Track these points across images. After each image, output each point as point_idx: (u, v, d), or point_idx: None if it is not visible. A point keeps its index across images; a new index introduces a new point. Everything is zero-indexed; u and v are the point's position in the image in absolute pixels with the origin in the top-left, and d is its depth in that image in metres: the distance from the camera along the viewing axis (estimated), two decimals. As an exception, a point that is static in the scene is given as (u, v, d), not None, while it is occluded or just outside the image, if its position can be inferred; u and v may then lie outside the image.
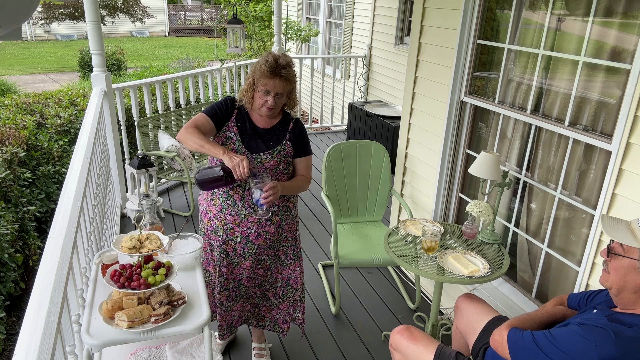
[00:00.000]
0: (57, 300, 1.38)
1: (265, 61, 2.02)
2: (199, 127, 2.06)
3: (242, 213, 2.18)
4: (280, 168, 2.16)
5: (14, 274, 3.37)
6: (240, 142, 2.12)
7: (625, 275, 1.48)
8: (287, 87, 2.07)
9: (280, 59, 2.04)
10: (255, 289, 2.41)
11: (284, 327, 2.51)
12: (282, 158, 2.16)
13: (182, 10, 26.59)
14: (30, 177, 4.11)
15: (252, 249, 2.25)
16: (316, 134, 6.81)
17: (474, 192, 3.02)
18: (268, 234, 2.24)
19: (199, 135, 2.02)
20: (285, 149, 2.17)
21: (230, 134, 2.13)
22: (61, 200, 1.97)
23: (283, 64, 2.03)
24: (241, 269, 2.31)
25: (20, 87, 10.67)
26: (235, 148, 2.10)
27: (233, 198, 2.17)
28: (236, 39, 4.74)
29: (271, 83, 2.03)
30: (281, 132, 2.19)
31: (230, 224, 2.21)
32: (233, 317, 2.43)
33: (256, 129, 2.16)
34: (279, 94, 2.06)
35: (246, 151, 2.11)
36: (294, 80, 2.11)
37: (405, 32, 6.29)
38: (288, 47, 9.64)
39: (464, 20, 2.69)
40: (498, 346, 1.61)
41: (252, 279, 2.36)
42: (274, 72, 2.01)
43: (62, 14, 18.31)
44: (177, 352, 1.92)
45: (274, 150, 2.14)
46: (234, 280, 2.33)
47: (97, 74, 3.68)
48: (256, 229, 2.22)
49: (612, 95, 2.17)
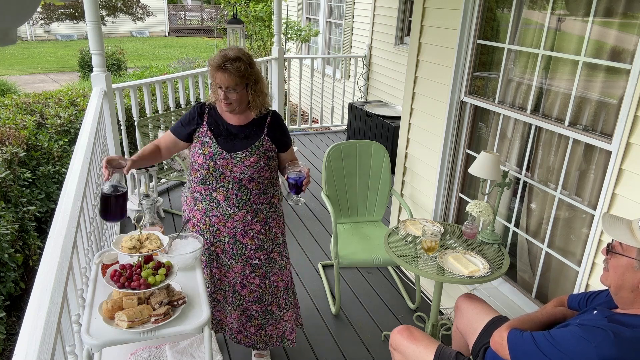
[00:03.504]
0: (57, 300, 1.38)
1: (216, 54, 2.01)
2: (160, 144, 2.20)
3: (227, 213, 2.17)
4: (261, 164, 2.13)
5: (14, 274, 3.37)
6: (217, 145, 2.09)
7: (623, 273, 1.48)
8: (234, 81, 1.99)
9: (229, 53, 2.00)
10: (255, 305, 2.35)
11: (292, 337, 2.45)
12: (261, 154, 2.13)
13: (182, 10, 26.59)
14: (30, 177, 4.11)
15: (241, 249, 2.24)
16: (316, 134, 6.81)
17: (474, 192, 3.02)
18: (254, 231, 2.23)
19: (140, 151, 2.16)
20: (264, 145, 2.14)
21: (205, 139, 2.11)
22: (61, 200, 1.97)
23: (231, 57, 1.99)
24: (233, 273, 2.28)
25: (20, 87, 10.67)
26: (212, 151, 2.09)
27: (217, 199, 2.15)
28: (236, 39, 4.74)
29: (218, 77, 2.00)
30: (258, 127, 2.15)
31: (215, 225, 2.19)
32: (233, 324, 2.39)
33: (229, 128, 2.13)
34: (229, 88, 2.01)
35: (224, 152, 2.08)
36: (247, 75, 2.03)
37: (405, 32, 6.29)
38: (288, 47, 9.64)
39: (464, 20, 2.69)
40: (498, 347, 1.61)
41: (247, 287, 2.31)
42: (219, 66, 1.98)
43: (62, 14, 18.30)
44: (177, 352, 1.92)
45: (252, 147, 2.11)
46: (229, 284, 2.30)
47: (97, 74, 3.68)
48: (242, 227, 2.20)
49: (612, 95, 2.17)
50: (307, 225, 4.18)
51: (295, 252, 3.71)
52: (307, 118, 8.95)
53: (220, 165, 2.08)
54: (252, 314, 2.37)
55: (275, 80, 6.08)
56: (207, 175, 2.11)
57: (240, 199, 2.15)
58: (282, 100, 6.20)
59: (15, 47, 18.64)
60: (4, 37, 0.73)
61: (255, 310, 2.36)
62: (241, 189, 2.13)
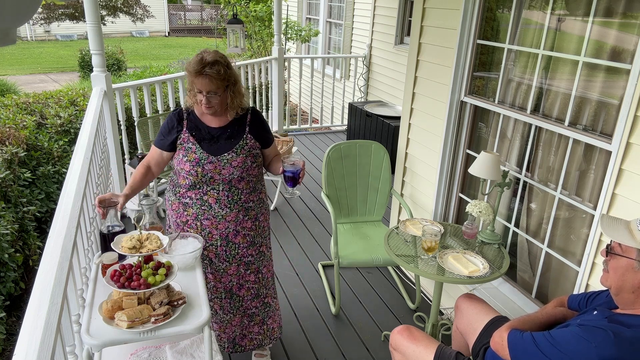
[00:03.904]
0: (57, 300, 1.38)
1: (192, 60, 1.99)
2: (150, 163, 2.17)
3: (220, 214, 2.16)
4: (248, 163, 2.13)
5: (14, 274, 3.37)
6: (201, 150, 2.07)
7: (623, 274, 1.48)
8: (215, 84, 1.98)
9: (206, 57, 1.97)
10: (254, 302, 2.36)
11: (282, 325, 2.56)
12: (247, 153, 2.12)
13: (182, 10, 26.59)
14: (30, 177, 4.11)
15: (234, 250, 2.24)
16: (316, 134, 6.81)
17: (474, 192, 3.02)
18: (246, 229, 2.23)
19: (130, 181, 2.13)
20: (249, 143, 2.13)
21: (188, 145, 2.09)
22: (61, 200, 1.97)
23: (209, 62, 1.96)
24: (228, 276, 2.27)
25: (20, 87, 10.67)
26: (197, 157, 2.07)
27: (208, 203, 2.14)
28: (236, 39, 4.74)
29: (198, 82, 1.98)
30: (239, 126, 2.14)
31: (207, 228, 2.18)
32: (235, 333, 2.39)
33: (211, 131, 2.11)
34: (211, 92, 2.00)
35: (210, 156, 2.06)
36: (227, 78, 2.02)
37: (405, 32, 6.29)
38: (288, 47, 9.64)
39: (464, 20, 2.69)
40: (498, 347, 1.61)
41: (244, 287, 2.32)
42: (198, 72, 1.96)
43: (62, 14, 18.29)
44: (177, 352, 1.92)
45: (237, 147, 2.10)
46: (225, 290, 2.29)
47: (97, 74, 3.68)
48: (234, 227, 2.20)
49: (612, 95, 2.17)
50: (307, 225, 4.18)
51: (295, 252, 3.71)
52: (307, 118, 8.95)
53: (208, 169, 2.07)
54: (253, 312, 2.38)
55: (275, 80, 6.08)
56: (196, 181, 2.10)
57: (231, 199, 2.15)
58: (282, 100, 6.20)
59: (15, 47, 18.65)
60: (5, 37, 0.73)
61: (255, 307, 2.38)
62: (232, 189, 2.13)
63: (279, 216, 4.31)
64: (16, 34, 0.81)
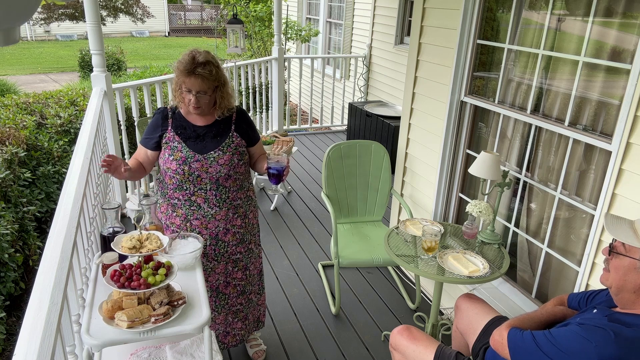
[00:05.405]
0: (57, 300, 1.38)
1: (183, 59, 1.98)
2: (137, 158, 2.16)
3: (209, 214, 2.17)
4: (235, 160, 2.13)
5: (14, 274, 3.37)
6: (187, 149, 2.07)
7: (625, 274, 1.48)
8: (207, 85, 1.99)
9: (198, 57, 1.98)
10: (239, 298, 2.38)
11: (263, 320, 2.59)
12: (233, 150, 2.13)
13: (182, 10, 26.58)
14: (30, 177, 4.11)
15: (222, 248, 2.24)
16: (316, 134, 6.81)
17: (474, 192, 3.02)
18: (236, 227, 2.24)
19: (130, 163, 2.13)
20: (235, 141, 2.14)
21: (174, 144, 2.09)
22: (61, 200, 1.97)
23: (201, 62, 1.96)
24: (216, 275, 2.28)
25: (20, 87, 10.67)
26: (184, 155, 2.07)
27: (197, 203, 2.15)
28: (236, 39, 4.73)
29: (189, 81, 1.98)
30: (225, 124, 2.15)
31: (197, 228, 2.18)
32: (218, 331, 2.40)
33: (197, 130, 2.11)
34: (200, 92, 2.00)
35: (196, 155, 2.07)
36: (217, 78, 2.03)
37: (405, 32, 6.29)
38: (288, 47, 9.64)
39: (464, 20, 2.69)
40: (498, 346, 1.61)
41: (231, 284, 2.33)
42: (189, 71, 1.96)
43: (62, 14, 18.30)
44: (177, 352, 1.92)
45: (223, 145, 2.11)
46: (211, 288, 2.30)
47: (97, 74, 3.68)
48: (224, 225, 2.21)
49: (612, 95, 2.17)
50: (307, 225, 4.18)
51: (295, 252, 3.71)
52: (307, 118, 8.95)
53: (195, 168, 2.07)
54: (237, 309, 2.40)
55: (275, 80, 6.08)
56: (183, 180, 2.10)
57: (220, 198, 2.16)
58: (282, 100, 6.20)
59: (15, 47, 18.65)
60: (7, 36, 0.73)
61: (239, 304, 2.39)
62: (219, 188, 2.14)
63: (279, 216, 4.30)
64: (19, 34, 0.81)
